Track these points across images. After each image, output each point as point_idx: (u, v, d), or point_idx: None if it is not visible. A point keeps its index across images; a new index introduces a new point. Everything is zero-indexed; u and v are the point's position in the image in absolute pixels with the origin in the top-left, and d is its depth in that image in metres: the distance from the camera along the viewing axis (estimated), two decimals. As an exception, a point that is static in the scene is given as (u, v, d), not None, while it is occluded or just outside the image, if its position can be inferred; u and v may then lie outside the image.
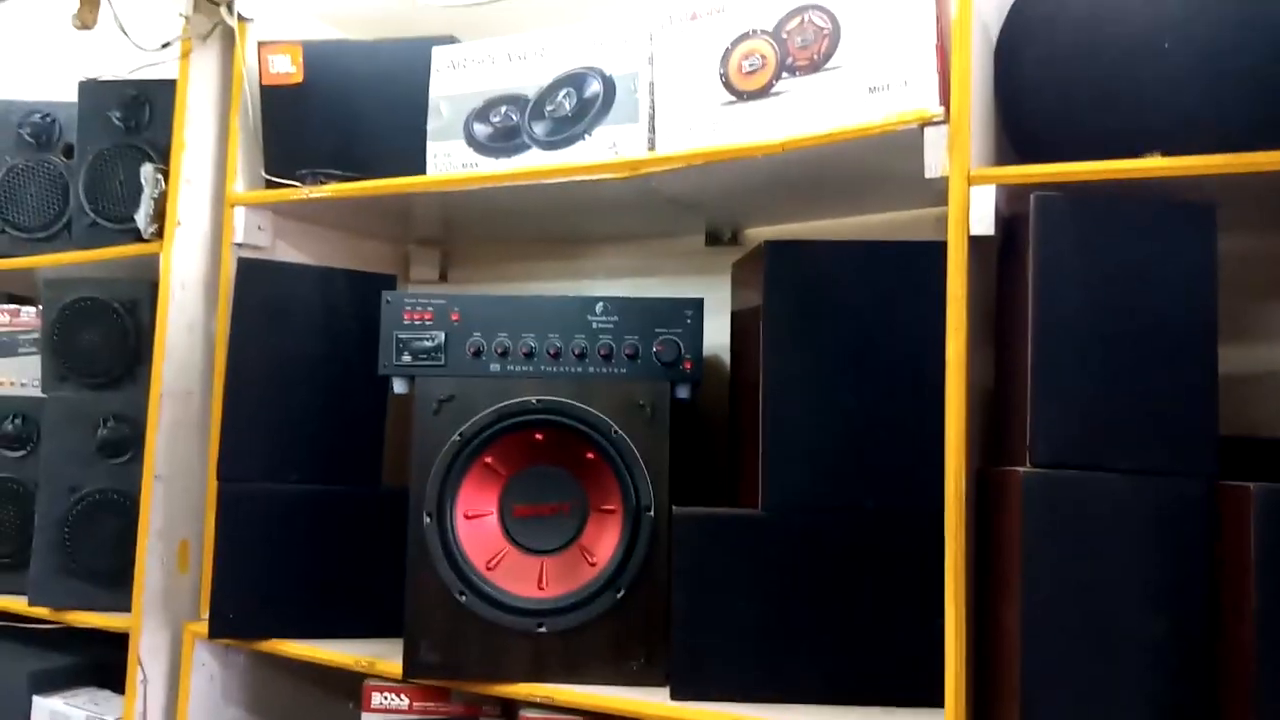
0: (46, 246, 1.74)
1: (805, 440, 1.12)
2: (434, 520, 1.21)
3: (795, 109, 1.13)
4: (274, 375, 1.40)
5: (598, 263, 1.70)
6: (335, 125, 1.48)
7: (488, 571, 1.22)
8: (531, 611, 1.20)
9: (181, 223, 1.52)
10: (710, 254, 1.59)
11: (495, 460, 1.24)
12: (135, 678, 1.45)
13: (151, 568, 1.47)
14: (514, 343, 1.25)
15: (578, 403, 1.21)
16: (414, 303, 1.27)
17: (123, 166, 1.61)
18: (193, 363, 1.54)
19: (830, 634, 1.11)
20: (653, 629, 1.19)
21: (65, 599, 1.54)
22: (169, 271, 1.51)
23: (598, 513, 1.24)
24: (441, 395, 1.23)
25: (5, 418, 1.67)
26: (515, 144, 1.31)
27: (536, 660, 1.20)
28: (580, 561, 1.23)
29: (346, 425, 1.43)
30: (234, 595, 1.37)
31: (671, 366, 1.24)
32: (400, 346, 1.26)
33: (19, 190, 1.74)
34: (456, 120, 1.36)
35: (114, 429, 1.55)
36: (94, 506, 1.53)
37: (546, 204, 1.44)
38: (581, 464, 1.23)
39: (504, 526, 1.25)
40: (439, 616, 1.21)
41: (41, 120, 1.75)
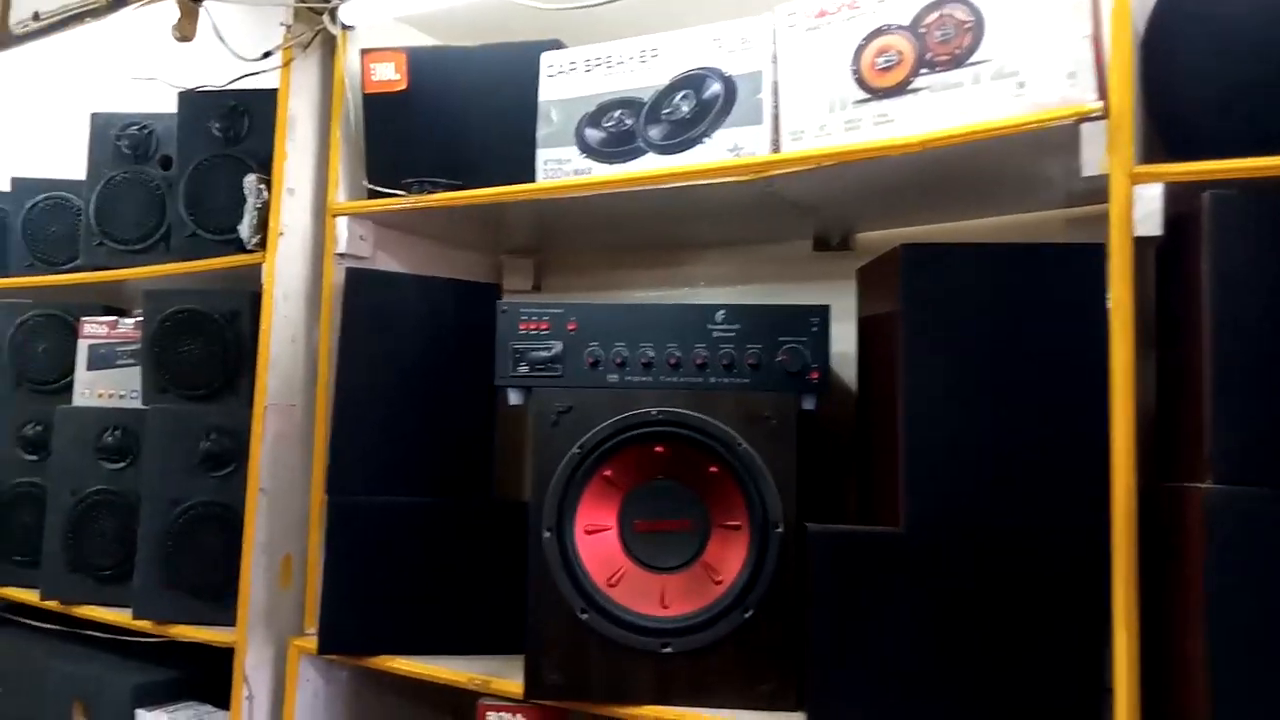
0: (144, 258, 1.74)
1: (949, 456, 1.06)
2: (554, 535, 1.18)
3: (935, 106, 1.07)
4: (381, 386, 1.38)
5: (699, 270, 1.66)
6: (439, 133, 1.46)
7: (609, 588, 1.18)
8: (656, 631, 1.16)
9: (284, 233, 1.51)
10: (818, 259, 1.54)
11: (615, 473, 1.20)
12: (240, 694, 1.44)
13: (256, 582, 1.45)
14: (632, 352, 1.22)
15: (702, 415, 1.17)
16: (530, 312, 1.24)
17: (222, 177, 1.60)
18: (295, 375, 1.52)
19: (977, 658, 1.05)
20: (783, 651, 1.14)
21: (168, 613, 1.53)
22: (272, 282, 1.49)
23: (721, 529, 1.19)
24: (560, 407, 1.19)
25: (105, 430, 1.66)
26: (630, 149, 1.28)
27: (661, 681, 1.16)
28: (704, 579, 1.18)
29: (455, 437, 1.41)
30: (343, 610, 1.34)
31: (797, 376, 1.19)
32: (517, 357, 1.23)
33: (117, 202, 1.75)
34: (568, 126, 1.32)
35: (216, 441, 1.53)
36: (197, 520, 1.52)
37: (649, 211, 1.40)
38: (704, 478, 1.19)
39: (623, 542, 1.21)
40: (560, 635, 1.17)
41: (139, 132, 1.75)
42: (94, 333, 1.74)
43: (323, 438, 1.48)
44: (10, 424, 1.80)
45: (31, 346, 1.82)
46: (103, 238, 1.74)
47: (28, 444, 1.78)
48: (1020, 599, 1.04)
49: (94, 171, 1.76)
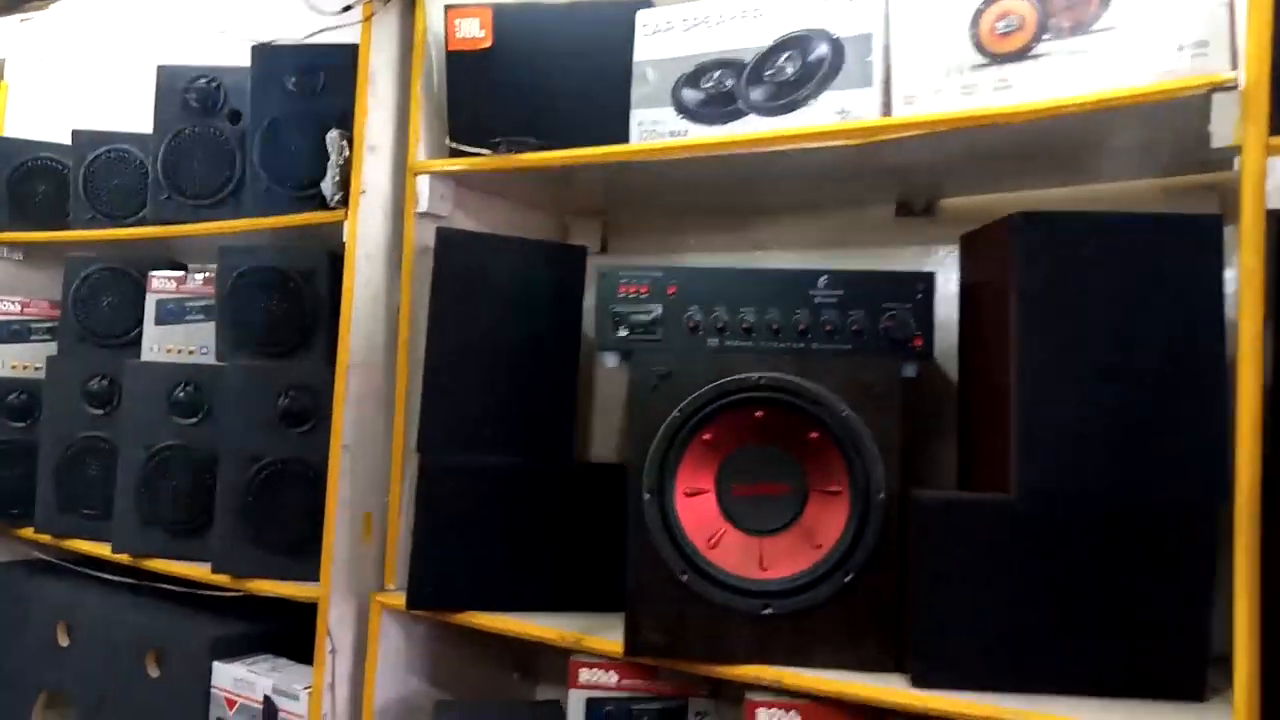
0: (212, 213, 1.73)
1: (1062, 424, 1.06)
2: (654, 497, 1.19)
3: (1057, 72, 1.06)
4: (471, 347, 1.38)
5: (773, 234, 1.65)
6: (524, 91, 1.44)
7: (709, 551, 1.19)
8: (757, 593, 1.17)
9: (366, 190, 1.50)
10: (900, 225, 1.53)
11: (714, 437, 1.20)
12: (324, 648, 1.45)
13: (340, 538, 1.46)
14: (732, 317, 1.22)
15: (804, 381, 1.17)
16: (630, 276, 1.23)
17: (297, 132, 1.59)
18: (376, 334, 1.52)
19: (1083, 623, 1.06)
20: (883, 614, 1.15)
21: (247, 567, 1.54)
22: (355, 240, 1.49)
23: (820, 494, 1.20)
24: (660, 370, 1.19)
25: (177, 385, 1.66)
26: (730, 110, 1.26)
27: (761, 642, 1.17)
28: (802, 543, 1.19)
29: (541, 398, 1.41)
30: (432, 567, 1.36)
31: (901, 343, 1.19)
32: (616, 320, 1.23)
33: (185, 156, 1.73)
34: (664, 86, 1.31)
35: (295, 399, 1.54)
36: (276, 476, 1.53)
37: (734, 174, 1.40)
38: (803, 444, 1.19)
39: (721, 505, 1.21)
40: (660, 595, 1.18)
41: (207, 85, 1.73)
42: (162, 287, 1.73)
43: (404, 397, 1.49)
44: (76, 378, 1.79)
45: (96, 301, 1.81)
46: (171, 192, 1.73)
47: (94, 398, 1.78)
48: (1130, 567, 1.05)
49: (161, 125, 1.75)
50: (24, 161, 2.00)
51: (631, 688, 1.28)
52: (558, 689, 1.73)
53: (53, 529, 1.80)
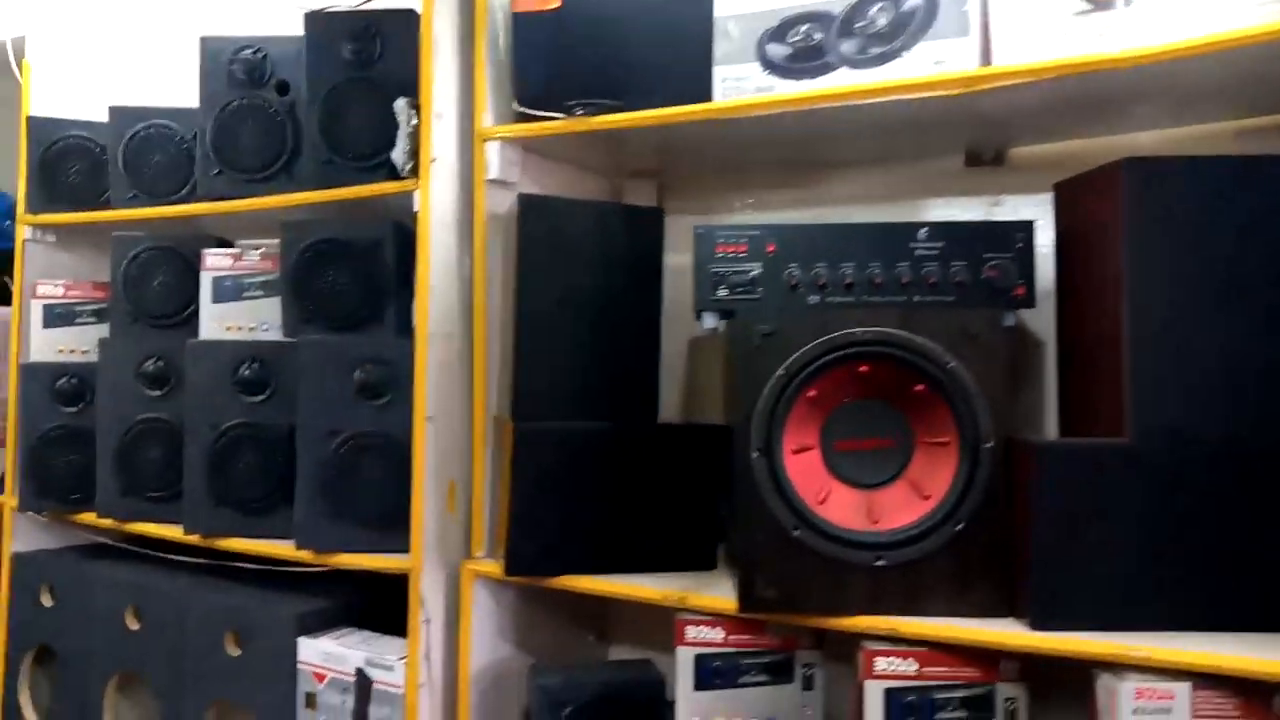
0: (264, 187, 1.70)
1: (1177, 368, 1.08)
2: (763, 456, 1.19)
3: (1162, 16, 1.06)
4: (557, 311, 1.37)
5: (839, 188, 1.64)
6: (594, 52, 1.42)
7: (818, 507, 1.20)
8: (869, 545, 1.18)
9: (436, 158, 1.48)
10: (970, 175, 1.53)
11: (819, 394, 1.21)
12: (418, 618, 1.46)
13: (428, 509, 1.46)
14: (833, 273, 1.22)
15: (909, 333, 1.18)
16: (727, 235, 1.23)
17: (356, 102, 1.56)
18: (450, 303, 1.51)
19: (1200, 562, 1.08)
20: (994, 560, 1.17)
21: (331, 542, 1.54)
22: (428, 209, 1.47)
23: (926, 445, 1.21)
24: (764, 330, 1.19)
25: (242, 363, 1.65)
26: (819, 64, 1.26)
27: (874, 593, 1.19)
28: (911, 495, 1.21)
29: (625, 360, 1.41)
30: (529, 533, 1.36)
31: (1003, 293, 1.20)
32: (715, 280, 1.23)
33: (235, 130, 1.70)
34: (748, 42, 1.30)
35: (371, 371, 1.53)
36: (357, 450, 1.52)
37: (809, 129, 1.39)
38: (908, 396, 1.20)
39: (827, 461, 1.22)
40: (772, 552, 1.19)
41: (253, 56, 1.70)
42: (217, 265, 1.71)
43: (482, 365, 1.48)
44: (130, 360, 1.77)
45: (147, 280, 1.78)
46: (222, 166, 1.70)
47: (150, 379, 1.76)
48: (1248, 509, 1.07)
49: (208, 99, 1.71)
50: (55, 141, 1.95)
51: (738, 643, 1.30)
52: (631, 649, 1.76)
53: (115, 513, 1.78)
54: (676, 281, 1.49)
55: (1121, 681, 1.04)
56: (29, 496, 1.88)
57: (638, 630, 1.76)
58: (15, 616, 1.96)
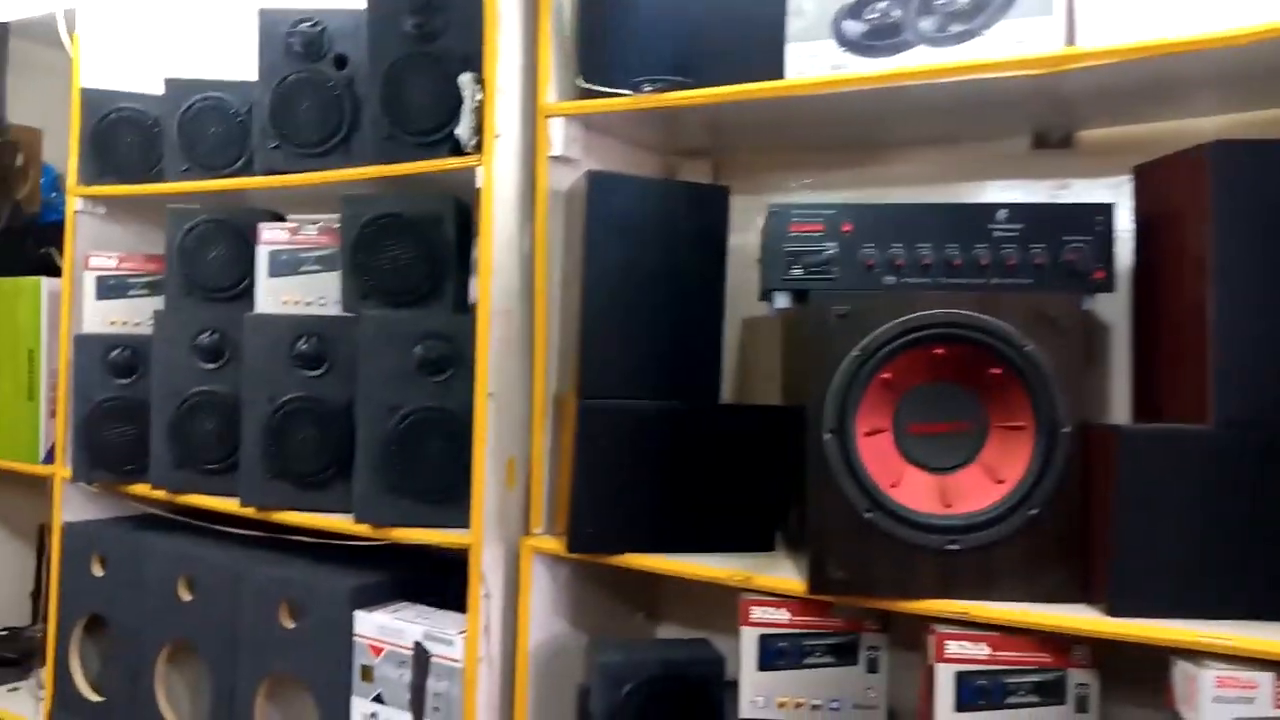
0: (321, 162, 1.70)
1: (1263, 355, 1.07)
2: (835, 437, 1.19)
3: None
4: (625, 290, 1.37)
5: (898, 169, 1.63)
6: (662, 27, 1.41)
7: (890, 489, 1.20)
8: (943, 529, 1.18)
9: (500, 134, 1.47)
10: (1036, 157, 1.52)
11: (893, 376, 1.20)
12: (478, 593, 1.46)
13: (489, 485, 1.46)
14: (910, 254, 1.21)
15: (987, 316, 1.16)
16: (802, 214, 1.22)
17: (418, 76, 1.55)
18: (511, 279, 1.51)
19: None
20: (1068, 546, 1.17)
21: (391, 516, 1.54)
22: (491, 186, 1.46)
23: (1000, 430, 1.20)
24: (840, 310, 1.19)
25: (300, 337, 1.65)
26: (896, 42, 1.24)
27: (946, 577, 1.18)
28: (984, 479, 1.20)
29: (689, 339, 1.40)
30: (592, 510, 1.36)
31: (1082, 277, 1.18)
32: (790, 260, 1.22)
33: (293, 104, 1.69)
34: (823, 18, 1.28)
35: (431, 347, 1.52)
36: (417, 425, 1.53)
37: (881, 108, 1.38)
38: (982, 380, 1.19)
39: (899, 444, 1.22)
40: (843, 534, 1.19)
41: (311, 29, 1.69)
42: (274, 238, 1.71)
43: (543, 342, 1.48)
44: (185, 332, 1.77)
45: (202, 253, 1.78)
46: (279, 140, 1.69)
47: (205, 352, 1.76)
48: (1334, 493, 1.06)
49: (266, 71, 1.70)
50: (108, 113, 1.95)
51: (804, 624, 1.30)
52: (680, 628, 1.77)
53: (169, 484, 1.79)
54: (730, 260, 1.48)
55: (1202, 669, 1.04)
56: (81, 467, 1.89)
57: (688, 610, 1.76)
58: (66, 585, 1.98)
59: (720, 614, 1.70)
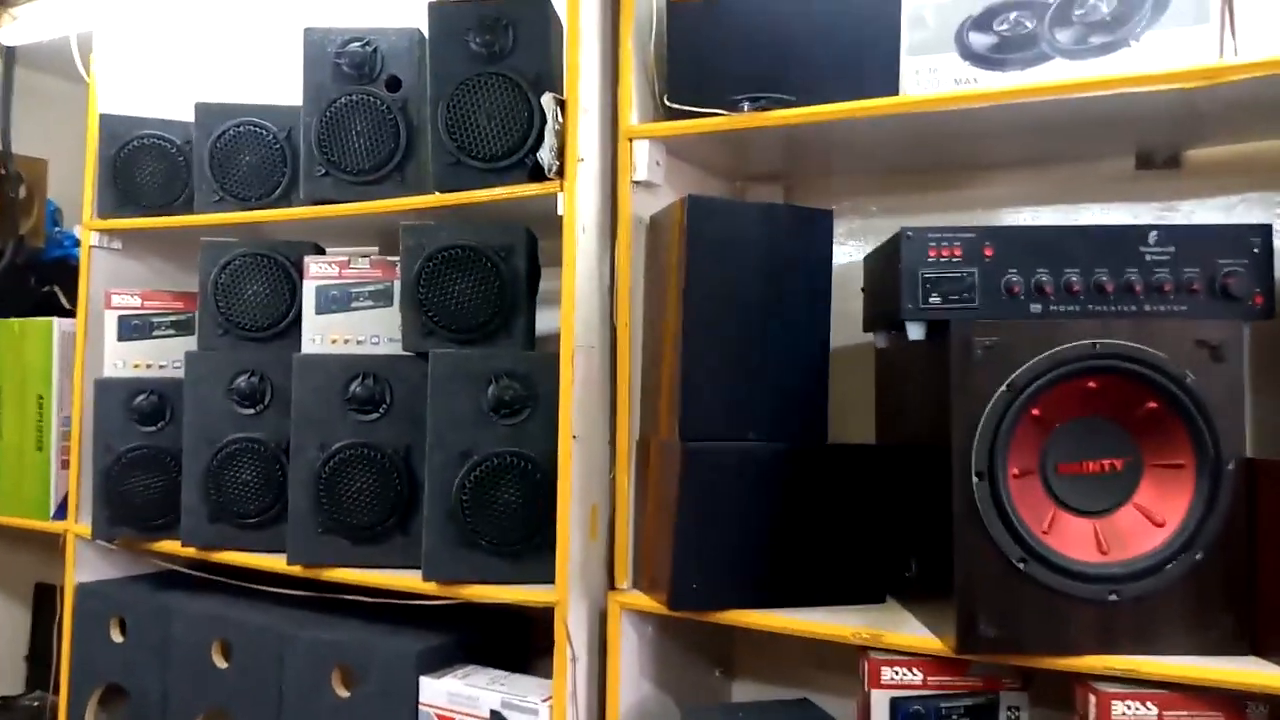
0: (375, 191, 1.59)
1: None
2: (985, 480, 1.09)
3: None
4: (727, 322, 1.27)
5: (985, 191, 1.55)
6: (757, 43, 1.33)
7: (1044, 536, 1.10)
8: (1102, 578, 1.08)
9: (584, 158, 1.37)
10: (1140, 178, 1.45)
11: (1042, 412, 1.11)
12: (564, 655, 1.34)
13: (574, 536, 1.35)
14: (1056, 279, 1.12)
15: (1144, 346, 1.08)
16: (939, 238, 1.13)
17: (486, 98, 1.45)
18: (593, 314, 1.40)
19: None
20: (1235, 592, 1.07)
21: (461, 573, 1.42)
22: (574, 213, 1.36)
23: (1156, 468, 1.11)
24: (986, 341, 1.09)
25: (353, 378, 1.53)
26: (1030, 55, 1.16)
27: (1104, 630, 1.08)
28: (1140, 522, 1.11)
29: (793, 374, 1.30)
30: (698, 564, 1.25)
31: (1240, 302, 1.10)
32: (928, 287, 1.13)
33: (343, 128, 1.58)
34: (946, 31, 1.20)
35: (505, 387, 1.41)
36: (493, 472, 1.41)
37: (960, 127, 1.30)
38: (1136, 414, 1.10)
39: (1047, 485, 1.12)
40: (994, 586, 1.09)
41: (362, 49, 1.58)
42: (322, 273, 1.59)
43: (626, 380, 1.38)
44: (220, 375, 1.64)
45: (239, 290, 1.65)
46: (329, 168, 1.58)
47: (242, 396, 1.63)
48: None
49: (312, 94, 1.59)
50: (130, 140, 1.82)
51: (939, 685, 1.19)
52: (756, 685, 1.65)
53: (202, 541, 1.65)
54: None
55: None
56: (101, 524, 1.74)
57: (763, 665, 1.65)
58: (79, 652, 1.82)
59: (798, 669, 1.60)
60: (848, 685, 1.57)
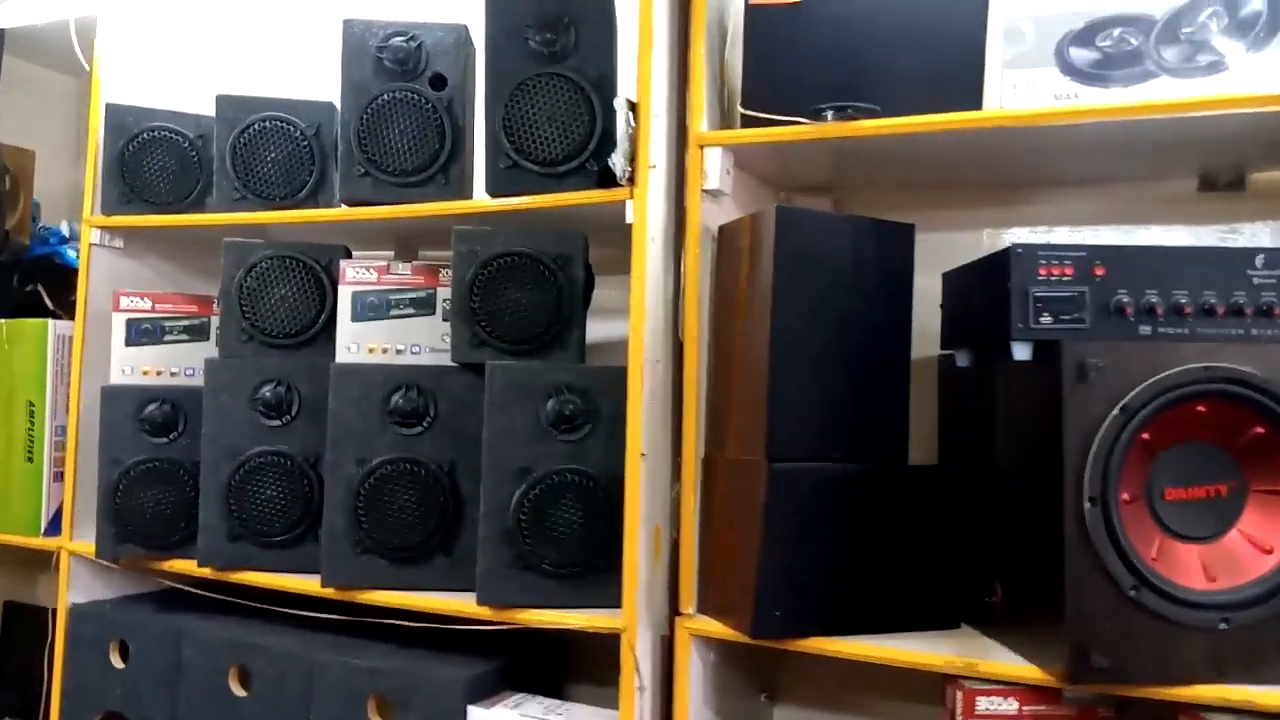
0: (415, 193, 1.51)
1: None
2: (1097, 506, 1.06)
3: None
4: (813, 338, 1.22)
5: (1039, 210, 1.53)
6: (838, 51, 1.29)
7: (1153, 562, 1.07)
8: (1213, 605, 1.06)
9: (655, 165, 1.32)
10: (1202, 200, 1.44)
11: (1151, 437, 1.08)
12: (632, 684, 1.28)
13: (641, 558, 1.29)
14: (1165, 300, 1.10)
15: (1259, 371, 1.06)
16: (1050, 255, 1.10)
17: (546, 99, 1.39)
18: (657, 326, 1.34)
19: None
20: (1345, 621, 1.06)
21: (519, 597, 1.35)
22: (644, 222, 1.30)
23: (1261, 494, 1.09)
24: (1097, 363, 1.06)
25: (395, 389, 1.45)
26: (1135, 72, 1.14)
27: (1214, 659, 1.06)
28: (1247, 549, 1.09)
29: (875, 392, 1.26)
30: (782, 590, 1.20)
31: (1348, 326, 1.09)
32: (1039, 306, 1.09)
33: (385, 126, 1.50)
34: (1045, 44, 1.18)
35: (565, 401, 1.35)
36: (551, 491, 1.34)
37: (1032, 144, 1.28)
38: (1243, 439, 1.09)
39: (1153, 511, 1.10)
40: (1106, 615, 1.06)
41: (406, 44, 1.51)
42: (359, 278, 1.51)
43: (694, 395, 1.33)
44: (243, 384, 1.55)
45: (265, 294, 1.56)
46: (369, 167, 1.50)
47: (267, 407, 1.54)
48: None
49: (352, 89, 1.51)
50: (139, 133, 1.72)
51: (1034, 714, 1.16)
52: (798, 709, 1.61)
53: (220, 560, 1.55)
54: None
55: None
56: (107, 541, 1.62)
57: (806, 689, 1.61)
58: (73, 679, 1.70)
59: (842, 694, 1.56)
60: (893, 709, 1.54)
